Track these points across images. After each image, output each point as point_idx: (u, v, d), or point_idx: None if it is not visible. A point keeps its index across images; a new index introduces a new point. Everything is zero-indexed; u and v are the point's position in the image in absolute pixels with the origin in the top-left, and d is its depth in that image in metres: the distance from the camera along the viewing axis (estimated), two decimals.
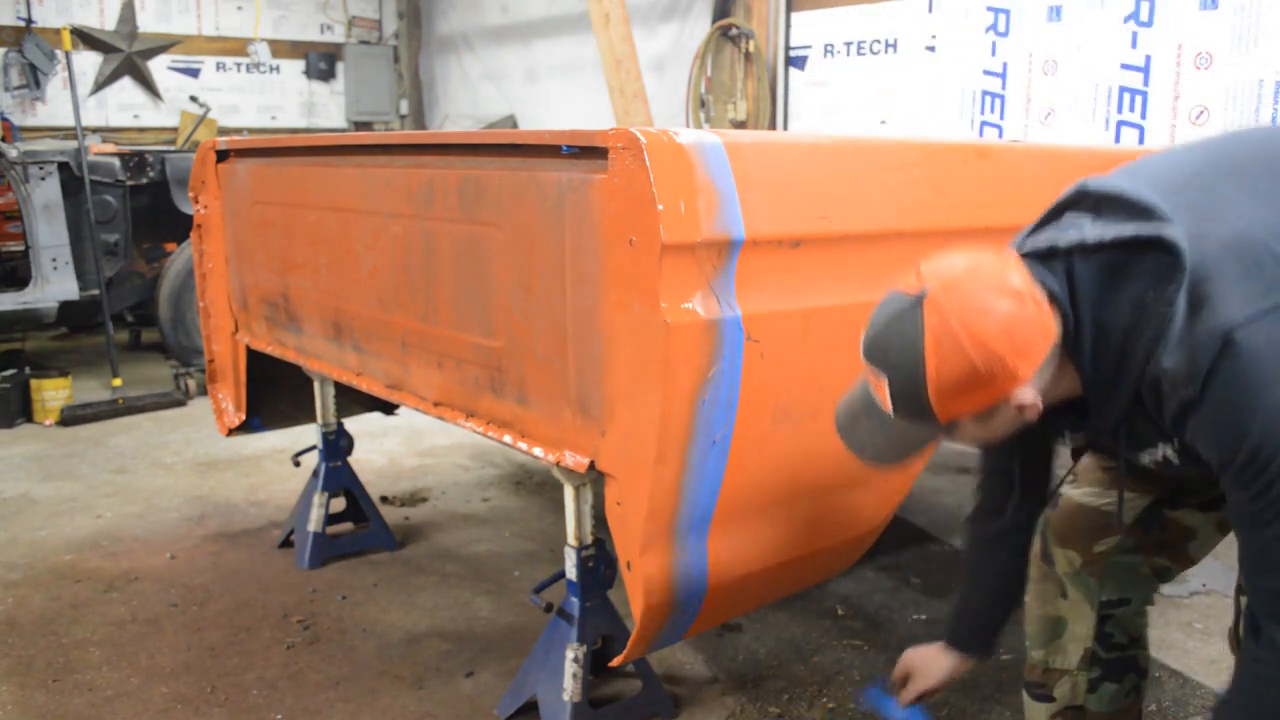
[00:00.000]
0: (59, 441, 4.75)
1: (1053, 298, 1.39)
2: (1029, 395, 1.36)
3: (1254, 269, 1.36)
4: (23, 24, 7.99)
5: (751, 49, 6.19)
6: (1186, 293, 1.34)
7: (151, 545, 3.47)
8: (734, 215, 1.78)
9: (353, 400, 3.46)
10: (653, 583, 1.88)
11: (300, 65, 9.41)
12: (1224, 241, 1.38)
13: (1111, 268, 1.39)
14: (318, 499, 3.29)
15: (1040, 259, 1.42)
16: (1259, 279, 1.35)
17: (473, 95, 9.04)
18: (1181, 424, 1.39)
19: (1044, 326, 1.36)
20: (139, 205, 5.74)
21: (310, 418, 3.43)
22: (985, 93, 5.12)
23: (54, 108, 8.12)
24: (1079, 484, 1.87)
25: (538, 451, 2.06)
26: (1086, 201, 1.48)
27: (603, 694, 2.45)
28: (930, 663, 1.96)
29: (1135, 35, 4.55)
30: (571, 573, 2.27)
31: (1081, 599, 1.84)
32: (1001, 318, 1.33)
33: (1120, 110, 4.64)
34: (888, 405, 1.40)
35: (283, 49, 9.31)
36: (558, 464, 2.02)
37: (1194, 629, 2.82)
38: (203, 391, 5.40)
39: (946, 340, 1.33)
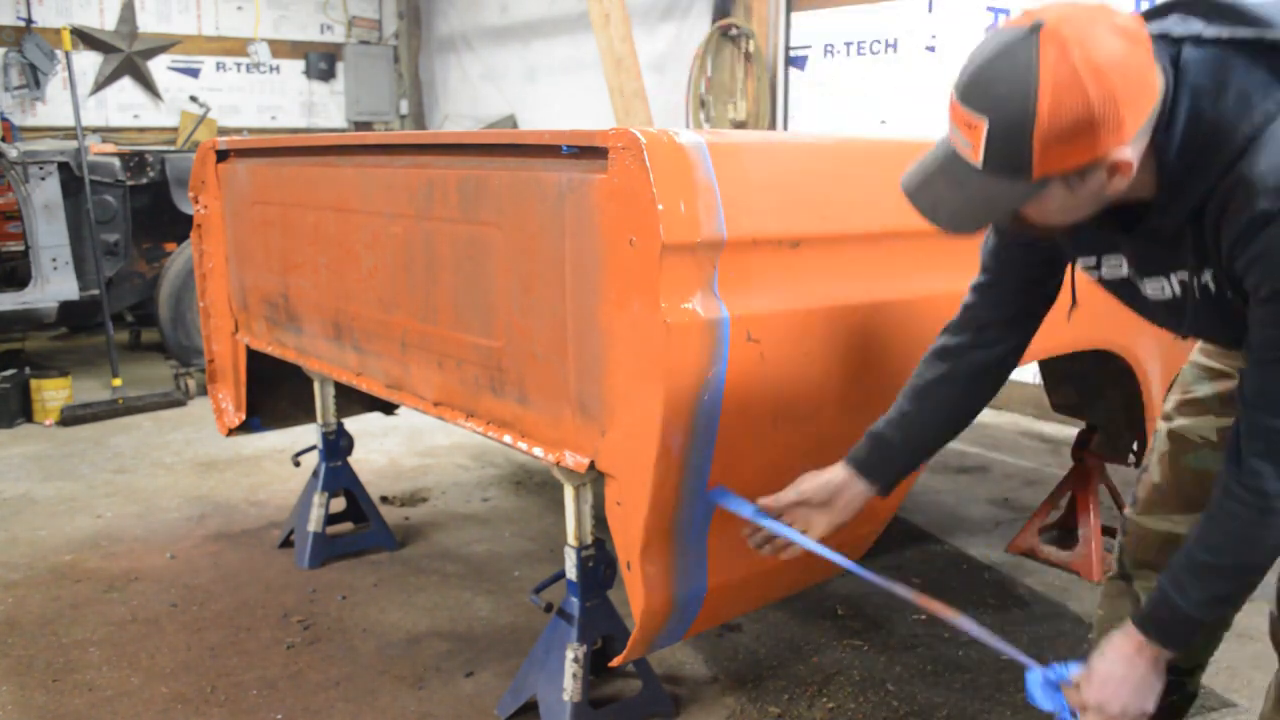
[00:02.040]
0: (59, 441, 4.75)
1: (1165, 71, 1.33)
2: (1127, 153, 1.28)
3: None
4: (23, 24, 7.99)
5: (751, 49, 6.19)
6: None
7: (151, 545, 3.47)
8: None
9: (353, 400, 3.46)
10: (653, 583, 1.88)
11: (300, 65, 9.41)
12: None
13: (1222, 63, 1.33)
14: (318, 499, 3.29)
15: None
16: None
17: (473, 95, 9.04)
18: (1245, 242, 1.32)
19: (1151, 80, 1.29)
20: (139, 205, 5.74)
21: (310, 418, 3.43)
22: None
23: (54, 108, 8.12)
24: (1139, 510, 1.86)
25: (538, 451, 2.06)
26: (1199, 6, 1.40)
27: (603, 694, 2.45)
28: (821, 482, 1.80)
29: None
30: (571, 573, 2.27)
31: None
32: (1121, 56, 1.24)
33: None
34: (979, 154, 1.29)
35: (283, 49, 9.31)
36: (558, 464, 2.02)
37: None
38: (203, 391, 5.40)
39: (1064, 74, 1.23)
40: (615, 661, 2.12)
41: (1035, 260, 1.66)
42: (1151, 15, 1.43)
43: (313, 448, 3.41)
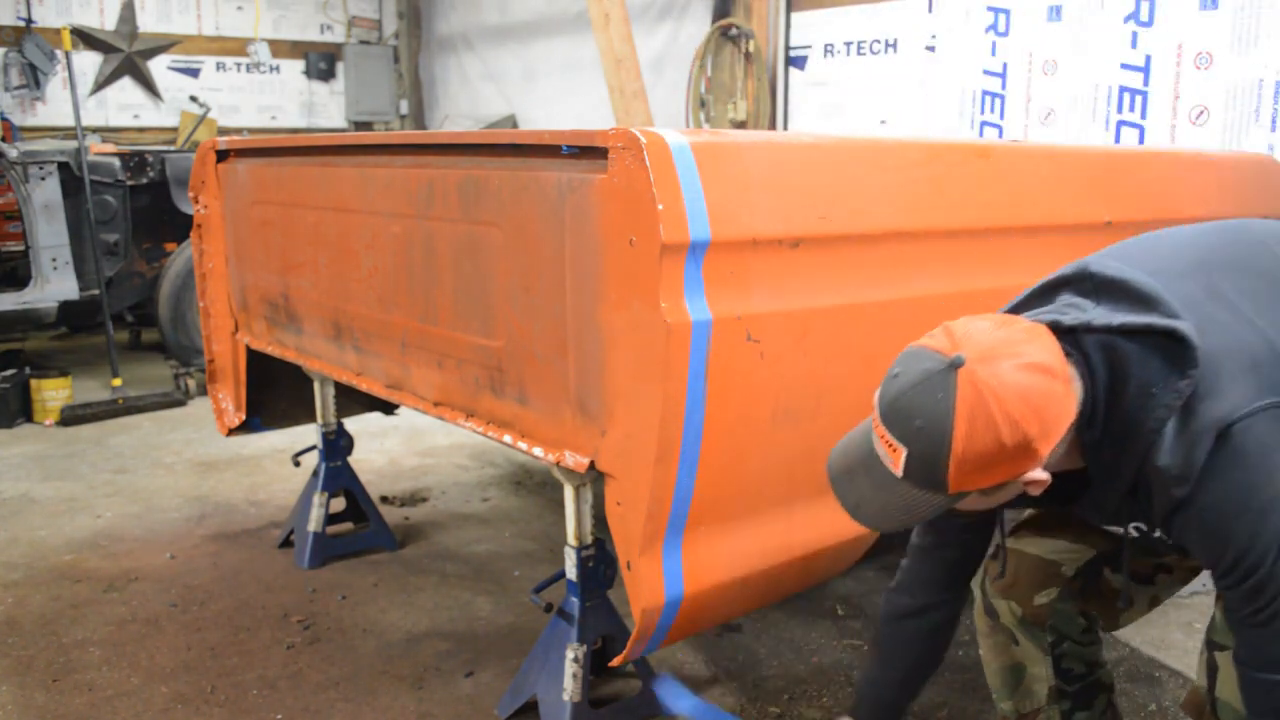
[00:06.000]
0: (59, 441, 4.75)
1: (1081, 374, 1.37)
2: (1041, 474, 1.33)
3: (1251, 369, 1.36)
4: (23, 24, 7.99)
5: (751, 49, 6.19)
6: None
7: (151, 545, 3.47)
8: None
9: (353, 400, 3.46)
10: (653, 582, 1.88)
11: (300, 65, 9.41)
12: (1224, 339, 1.38)
13: (1118, 353, 1.37)
14: (318, 499, 3.29)
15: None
16: (1256, 379, 1.35)
17: (473, 95, 9.04)
18: (1170, 522, 1.40)
19: (1068, 407, 1.34)
20: (139, 205, 5.74)
21: (310, 418, 3.43)
22: (985, 93, 5.12)
23: (54, 108, 8.12)
24: (1019, 537, 1.86)
25: (538, 451, 2.06)
26: (1087, 284, 1.45)
27: (603, 694, 2.45)
28: None
29: (1135, 35, 4.54)
30: (571, 573, 2.27)
31: (1033, 644, 1.85)
32: (1036, 397, 1.28)
33: (1120, 110, 4.64)
34: (899, 469, 1.33)
35: (283, 49, 9.30)
36: (558, 464, 2.02)
37: (1194, 629, 2.82)
38: (203, 391, 5.40)
39: (980, 416, 1.27)
40: (615, 661, 2.12)
41: (969, 522, 1.70)
42: (1044, 292, 1.50)
43: (313, 448, 3.41)
